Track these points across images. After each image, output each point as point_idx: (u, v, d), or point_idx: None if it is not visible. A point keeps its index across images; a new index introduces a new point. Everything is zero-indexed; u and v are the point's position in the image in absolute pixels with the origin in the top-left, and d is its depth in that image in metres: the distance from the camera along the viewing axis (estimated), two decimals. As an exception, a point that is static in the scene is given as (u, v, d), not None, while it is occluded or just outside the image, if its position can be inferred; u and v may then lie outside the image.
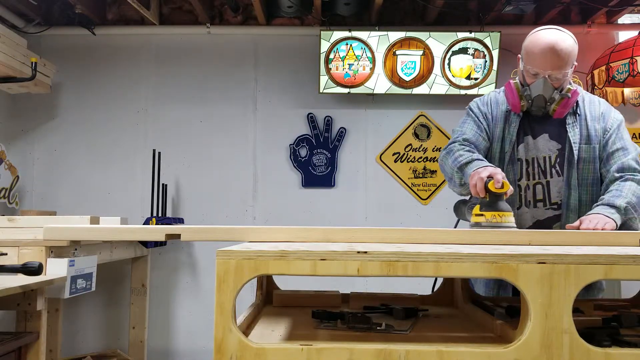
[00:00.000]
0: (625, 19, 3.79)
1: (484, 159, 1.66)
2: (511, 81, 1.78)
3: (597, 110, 1.79)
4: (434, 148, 3.63)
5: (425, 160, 3.63)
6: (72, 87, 3.67)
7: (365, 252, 0.79)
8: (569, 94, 1.71)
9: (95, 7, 3.58)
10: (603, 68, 3.22)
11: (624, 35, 3.59)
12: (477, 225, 1.39)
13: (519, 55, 1.78)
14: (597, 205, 1.64)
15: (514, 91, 1.75)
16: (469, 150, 1.71)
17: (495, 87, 3.41)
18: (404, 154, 3.64)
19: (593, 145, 1.74)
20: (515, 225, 1.40)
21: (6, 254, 2.07)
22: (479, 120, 1.82)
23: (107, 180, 3.62)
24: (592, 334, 0.85)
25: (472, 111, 1.86)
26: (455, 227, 1.87)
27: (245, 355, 0.77)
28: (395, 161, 3.64)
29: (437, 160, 3.62)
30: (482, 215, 1.39)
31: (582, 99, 1.80)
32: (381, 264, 0.79)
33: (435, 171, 3.63)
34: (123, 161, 3.64)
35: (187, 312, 3.56)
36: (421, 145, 3.64)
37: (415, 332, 0.98)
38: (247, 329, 1.00)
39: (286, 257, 0.79)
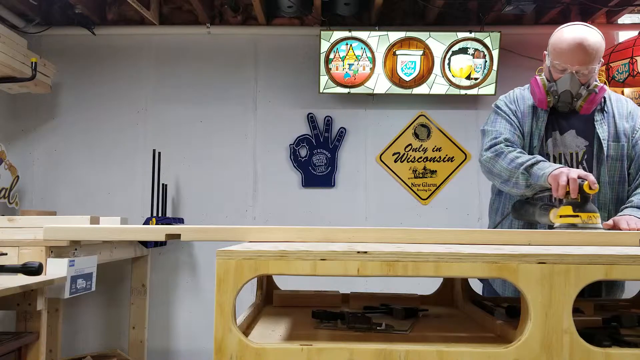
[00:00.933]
0: (625, 19, 3.79)
1: (546, 159, 1.64)
2: (537, 77, 1.77)
3: (624, 109, 1.79)
4: (434, 148, 3.63)
5: (425, 160, 3.63)
6: (72, 87, 3.67)
7: (365, 252, 0.79)
8: (596, 90, 1.70)
9: (95, 7, 3.58)
10: (603, 68, 3.22)
11: (624, 35, 3.59)
12: (573, 226, 1.40)
13: (545, 52, 1.78)
14: (626, 207, 1.64)
15: (540, 87, 1.74)
16: (521, 152, 1.69)
17: (496, 87, 3.41)
18: (404, 154, 3.64)
19: (622, 143, 1.74)
20: (603, 228, 1.42)
21: (6, 254, 2.07)
22: (510, 119, 1.80)
23: (107, 180, 3.62)
24: (592, 334, 0.85)
25: (502, 110, 1.84)
26: (496, 226, 1.85)
27: (245, 355, 0.77)
28: (395, 161, 3.64)
29: (436, 160, 3.62)
30: (577, 216, 1.41)
31: (609, 96, 1.80)
32: (381, 264, 0.79)
33: (436, 171, 3.62)
34: (123, 161, 3.64)
35: (187, 312, 3.56)
36: (421, 145, 3.64)
37: (415, 332, 0.98)
38: (247, 329, 1.00)
39: (286, 257, 0.79)
